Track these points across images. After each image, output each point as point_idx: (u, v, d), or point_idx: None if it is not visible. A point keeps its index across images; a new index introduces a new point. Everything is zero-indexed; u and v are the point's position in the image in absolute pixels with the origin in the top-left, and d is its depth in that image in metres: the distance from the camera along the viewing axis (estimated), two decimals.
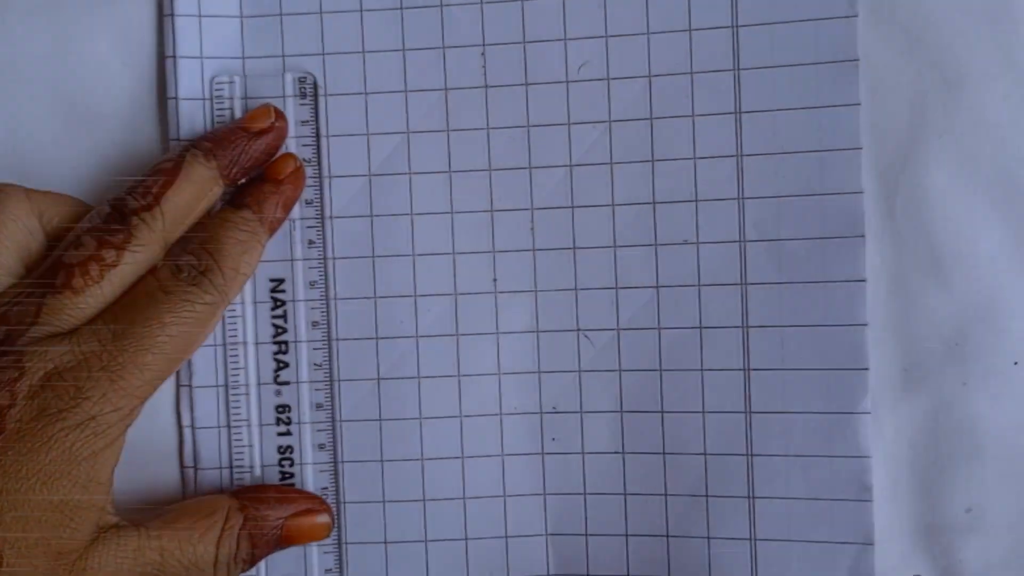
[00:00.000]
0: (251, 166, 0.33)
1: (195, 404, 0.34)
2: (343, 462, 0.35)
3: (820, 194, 0.33)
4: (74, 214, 0.32)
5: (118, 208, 0.31)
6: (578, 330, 0.34)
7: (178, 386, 0.34)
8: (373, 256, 0.35)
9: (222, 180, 0.32)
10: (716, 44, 0.33)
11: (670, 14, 0.33)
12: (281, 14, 0.34)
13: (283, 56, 0.34)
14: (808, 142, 0.33)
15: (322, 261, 0.34)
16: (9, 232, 0.30)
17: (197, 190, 0.31)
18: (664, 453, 0.34)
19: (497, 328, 0.34)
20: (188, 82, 0.34)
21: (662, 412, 0.34)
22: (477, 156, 0.34)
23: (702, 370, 0.34)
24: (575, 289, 0.34)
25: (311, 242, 0.34)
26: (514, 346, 0.34)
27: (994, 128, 0.32)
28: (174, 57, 0.34)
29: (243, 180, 0.33)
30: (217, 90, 0.34)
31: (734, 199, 0.33)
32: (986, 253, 0.33)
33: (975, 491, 0.33)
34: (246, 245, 0.32)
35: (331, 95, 0.34)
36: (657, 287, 0.34)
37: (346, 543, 0.34)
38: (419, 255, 0.34)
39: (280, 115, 0.34)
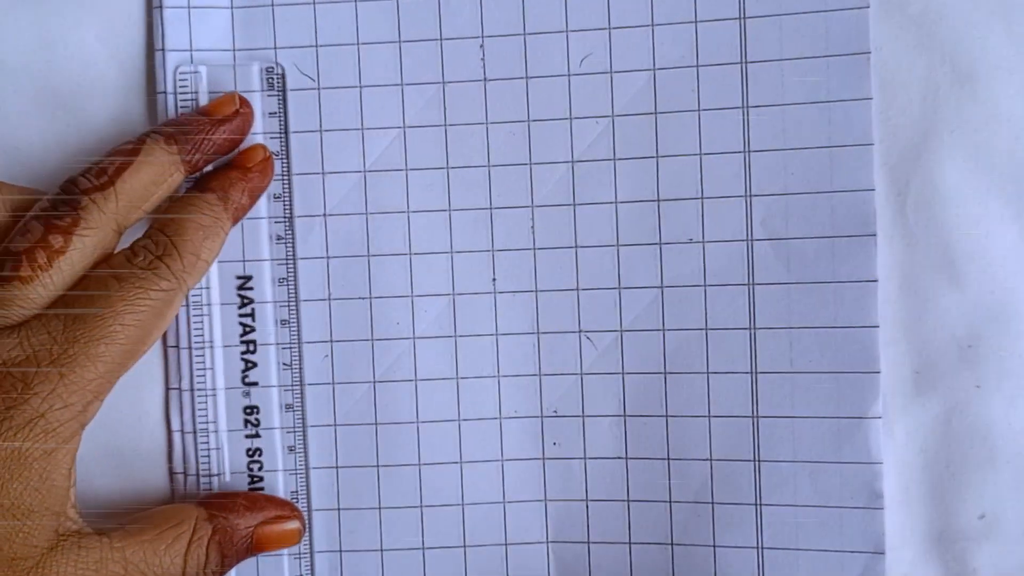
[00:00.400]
0: (214, 154, 0.32)
1: (184, 407, 0.33)
2: (339, 467, 0.34)
3: (830, 192, 0.32)
4: (27, 203, 0.30)
5: (68, 190, 0.29)
6: (580, 331, 0.33)
7: (167, 389, 0.33)
8: (368, 255, 0.34)
9: (183, 166, 0.31)
10: (723, 36, 0.32)
11: (676, 5, 0.32)
12: (273, 4, 0.33)
13: (275, 48, 0.33)
14: (818, 138, 0.32)
15: (290, 258, 0.33)
16: None
17: (156, 173, 0.30)
18: (668, 458, 0.33)
19: (496, 330, 0.33)
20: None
21: (666, 416, 0.33)
22: (476, 152, 0.33)
23: (708, 373, 0.33)
24: (576, 289, 0.33)
25: (279, 237, 0.33)
26: (513, 348, 0.33)
27: (1008, 123, 0.32)
28: (163, 50, 0.33)
29: (206, 168, 0.32)
30: (181, 81, 0.33)
31: (741, 196, 0.32)
32: (1000, 252, 0.32)
33: (989, 497, 0.32)
34: (209, 230, 0.30)
35: (324, 88, 0.33)
36: (661, 287, 0.33)
37: (316, 552, 0.34)
38: (415, 254, 0.34)
39: (244, 102, 0.32)
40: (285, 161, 0.33)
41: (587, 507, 0.33)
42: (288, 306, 0.33)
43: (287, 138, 0.33)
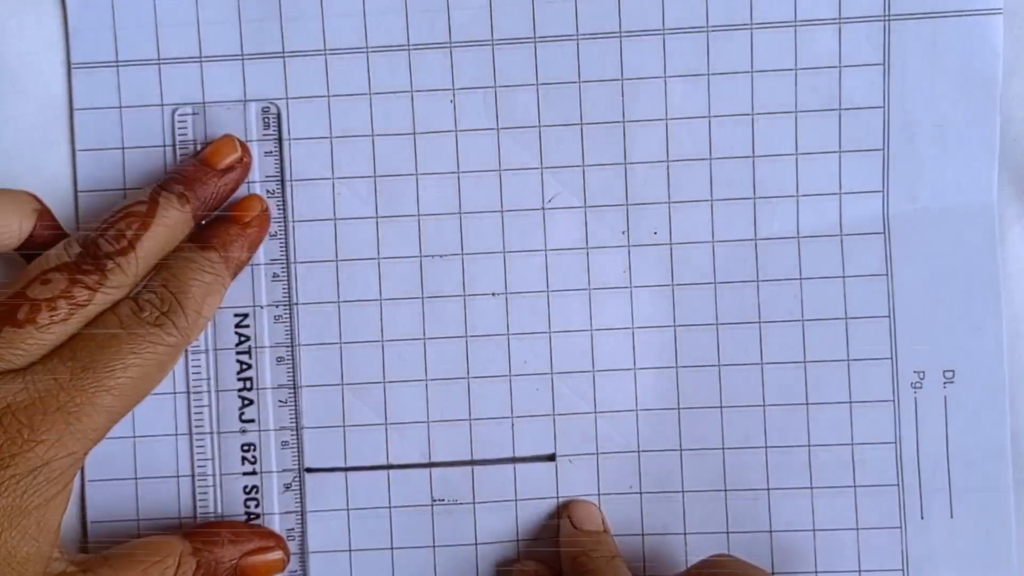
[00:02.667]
0: (218, 204, 0.32)
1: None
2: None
3: None
4: (5, 212, 0.30)
5: (90, 251, 0.29)
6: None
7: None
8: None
9: (192, 222, 0.31)
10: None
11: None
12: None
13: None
14: None
15: (287, 297, 0.33)
16: None
17: (171, 235, 0.30)
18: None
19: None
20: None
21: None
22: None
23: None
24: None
25: (275, 276, 0.33)
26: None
27: None
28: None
29: (209, 216, 0.32)
30: (180, 123, 0.33)
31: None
32: None
33: None
34: (210, 287, 0.31)
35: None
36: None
37: None
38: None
39: (245, 148, 0.33)
40: (281, 201, 0.33)
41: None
42: (284, 344, 0.33)
43: (283, 176, 0.33)
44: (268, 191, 0.33)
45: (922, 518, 0.33)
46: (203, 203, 0.31)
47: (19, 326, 0.27)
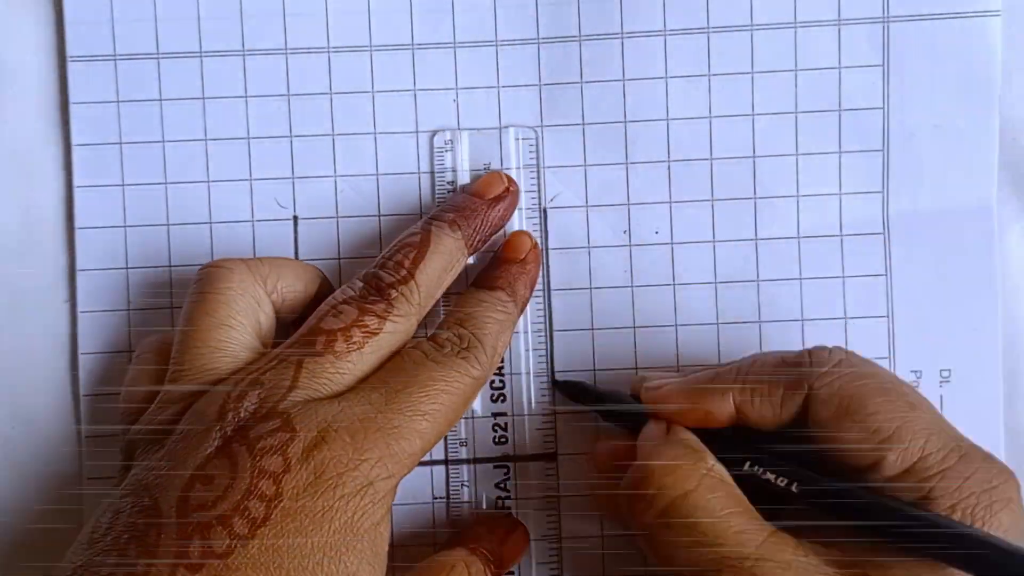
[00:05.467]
0: (490, 234, 0.33)
1: None
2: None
3: None
4: (294, 277, 0.31)
5: (372, 283, 0.30)
6: None
7: None
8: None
9: (467, 249, 0.32)
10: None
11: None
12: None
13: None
14: None
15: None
16: (240, 307, 0.30)
17: (446, 261, 0.31)
18: None
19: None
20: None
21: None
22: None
23: None
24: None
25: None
26: None
27: None
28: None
29: (482, 248, 0.33)
30: (439, 154, 0.33)
31: None
32: None
33: None
34: (503, 325, 0.31)
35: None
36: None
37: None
38: None
39: (511, 180, 0.33)
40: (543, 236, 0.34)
41: None
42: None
43: (544, 213, 0.34)
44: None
45: None
46: (474, 231, 0.32)
47: (319, 355, 0.28)
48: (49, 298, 0.33)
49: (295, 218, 0.33)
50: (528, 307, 0.33)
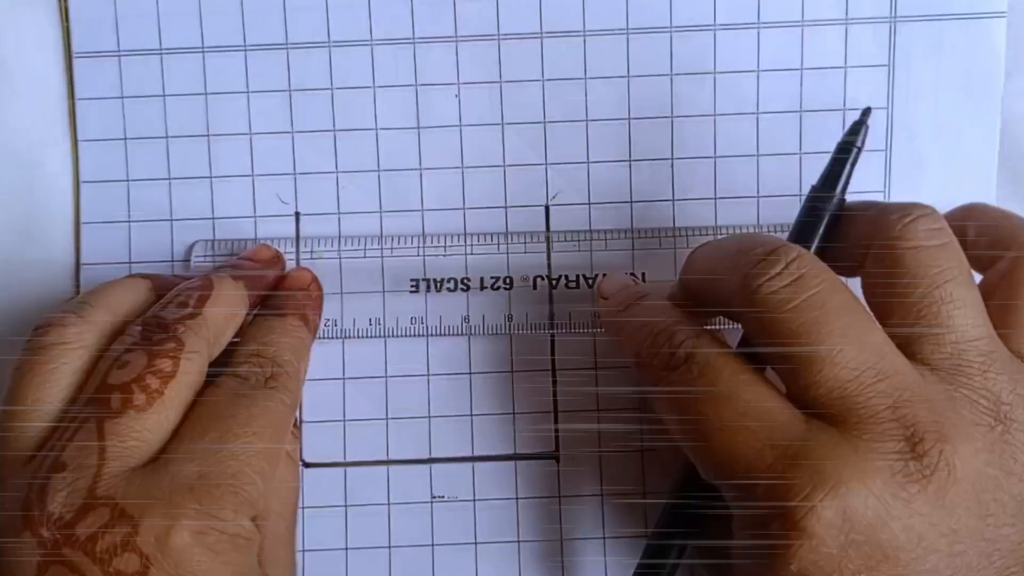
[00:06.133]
0: (265, 293, 0.32)
1: None
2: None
3: None
4: (130, 295, 0.29)
5: (154, 324, 0.27)
6: None
7: None
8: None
9: (247, 301, 0.30)
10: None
11: None
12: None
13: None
14: None
15: None
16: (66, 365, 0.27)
17: (231, 306, 0.30)
18: None
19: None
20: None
21: None
22: None
23: None
24: None
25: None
26: None
27: None
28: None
29: (256, 306, 0.32)
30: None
31: None
32: None
33: None
34: (299, 350, 0.31)
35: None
36: None
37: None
38: None
39: (278, 251, 0.33)
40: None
41: None
42: None
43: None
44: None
45: None
46: (253, 284, 0.31)
47: (118, 416, 0.25)
48: (55, 294, 0.34)
49: (297, 214, 0.33)
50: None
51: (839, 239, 0.27)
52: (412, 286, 0.33)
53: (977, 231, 0.28)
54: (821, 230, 0.28)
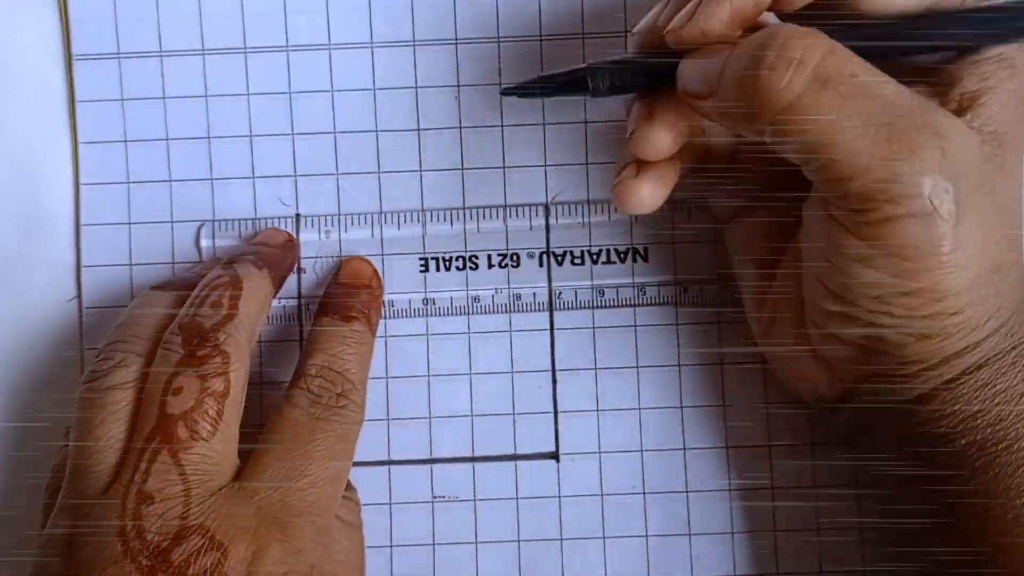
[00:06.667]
0: (286, 276, 0.32)
1: None
2: None
3: None
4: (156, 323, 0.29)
5: (193, 332, 0.28)
6: None
7: None
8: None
9: (273, 288, 0.31)
10: None
11: None
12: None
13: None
14: None
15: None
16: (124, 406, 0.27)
17: (262, 296, 0.30)
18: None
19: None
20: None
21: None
22: None
23: None
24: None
25: None
26: None
27: None
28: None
29: (280, 290, 0.32)
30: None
31: None
32: None
33: None
34: (366, 358, 0.31)
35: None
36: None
37: None
38: None
39: (289, 233, 0.33)
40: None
41: None
42: None
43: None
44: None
45: None
46: (275, 269, 0.31)
47: (188, 448, 0.26)
48: (55, 295, 0.34)
49: (297, 216, 0.33)
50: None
51: None
52: (421, 265, 0.33)
53: None
54: None
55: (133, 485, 0.25)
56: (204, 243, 0.33)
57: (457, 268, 0.33)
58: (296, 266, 0.33)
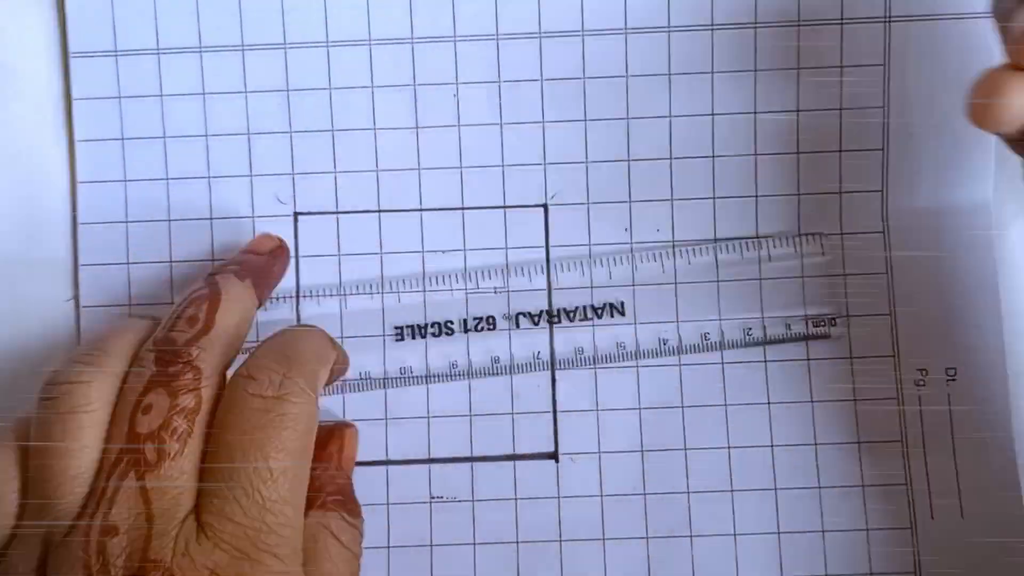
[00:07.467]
0: (274, 286, 0.32)
1: None
2: None
3: None
4: (138, 335, 0.28)
5: (167, 348, 0.26)
6: None
7: None
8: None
9: (256, 299, 0.30)
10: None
11: None
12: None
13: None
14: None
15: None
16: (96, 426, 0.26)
17: (243, 309, 0.28)
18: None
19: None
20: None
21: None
22: None
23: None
24: None
25: None
26: None
27: None
28: None
29: (266, 300, 0.32)
30: None
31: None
32: None
33: None
34: (319, 340, 0.29)
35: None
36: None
37: None
38: None
39: (281, 239, 0.33)
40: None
41: None
42: None
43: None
44: None
45: (932, 519, 0.33)
46: (260, 279, 0.30)
47: (155, 468, 0.25)
48: (52, 294, 0.33)
49: (295, 214, 0.33)
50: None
51: None
52: (397, 334, 0.33)
53: None
54: None
55: (98, 515, 0.24)
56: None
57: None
58: (284, 271, 0.32)
